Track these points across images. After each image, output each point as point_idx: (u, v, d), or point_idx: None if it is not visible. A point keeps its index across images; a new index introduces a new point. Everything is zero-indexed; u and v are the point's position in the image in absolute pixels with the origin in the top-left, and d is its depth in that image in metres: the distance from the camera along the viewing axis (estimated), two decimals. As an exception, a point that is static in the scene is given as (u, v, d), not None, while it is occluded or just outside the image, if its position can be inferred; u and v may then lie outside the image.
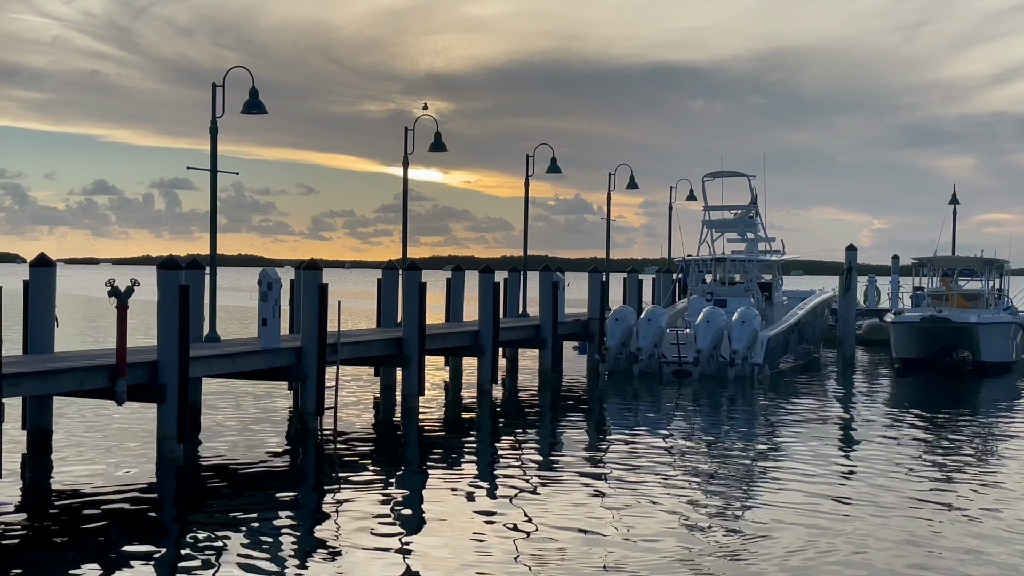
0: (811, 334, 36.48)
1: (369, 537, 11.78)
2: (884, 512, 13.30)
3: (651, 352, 29.72)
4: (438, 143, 28.10)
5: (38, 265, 17.03)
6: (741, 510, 13.41)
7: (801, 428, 20.62)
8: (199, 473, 15.61)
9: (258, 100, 20.56)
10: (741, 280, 35.02)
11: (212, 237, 20.18)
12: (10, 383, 13.50)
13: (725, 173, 37.09)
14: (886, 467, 16.45)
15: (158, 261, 16.39)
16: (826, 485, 14.95)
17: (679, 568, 10.70)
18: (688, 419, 22.28)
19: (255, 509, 13.17)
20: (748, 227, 36.64)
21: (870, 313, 45.70)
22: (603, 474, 15.63)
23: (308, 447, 17.81)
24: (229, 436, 18.45)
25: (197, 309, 18.45)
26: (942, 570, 10.82)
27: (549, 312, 28.24)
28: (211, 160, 19.91)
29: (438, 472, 15.82)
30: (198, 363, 16.67)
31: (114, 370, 15.06)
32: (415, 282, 21.93)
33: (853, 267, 38.01)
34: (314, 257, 19.56)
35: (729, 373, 28.73)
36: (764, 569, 10.71)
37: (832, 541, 11.82)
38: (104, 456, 16.37)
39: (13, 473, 14.74)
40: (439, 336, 24.12)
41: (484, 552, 11.24)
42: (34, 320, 16.88)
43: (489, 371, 24.93)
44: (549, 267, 29.20)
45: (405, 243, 27.01)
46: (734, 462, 16.84)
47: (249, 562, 10.73)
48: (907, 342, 32.80)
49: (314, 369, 18.70)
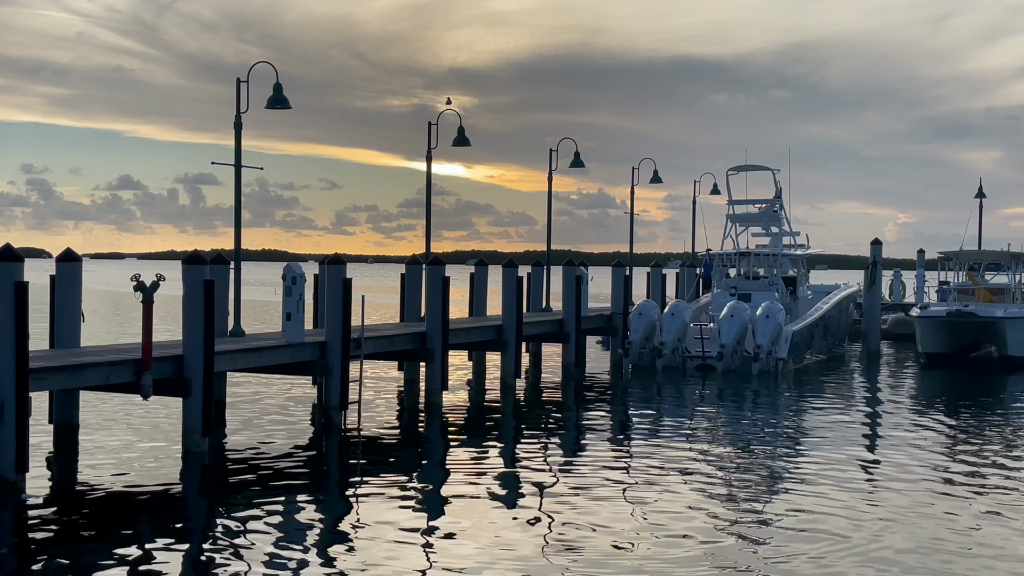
0: (836, 329, 36.30)
1: (393, 531, 11.80)
2: (910, 508, 13.23)
3: (675, 347, 29.65)
4: (461, 138, 28.10)
5: (64, 260, 17.13)
6: (766, 505, 13.35)
7: (825, 423, 20.52)
8: (224, 467, 15.68)
9: (282, 95, 20.60)
10: (765, 274, 34.88)
11: (237, 232, 20.26)
12: (37, 377, 13.59)
13: (749, 167, 36.93)
14: (911, 462, 16.35)
15: (183, 256, 16.46)
16: (851, 480, 14.87)
17: (704, 563, 10.66)
18: (712, 414, 22.21)
19: (279, 503, 13.22)
20: (772, 221, 36.49)
21: (895, 308, 45.44)
22: (627, 468, 15.61)
23: (332, 441, 17.87)
24: (254, 430, 18.53)
25: (222, 304, 18.53)
26: (972, 567, 10.74)
27: (572, 306, 28.21)
28: (236, 155, 19.97)
29: (461, 466, 15.83)
30: (223, 357, 16.74)
31: (140, 364, 15.14)
32: (439, 277, 21.95)
33: (878, 261, 37.79)
34: (337, 252, 19.60)
35: (753, 368, 28.63)
36: (789, 565, 10.67)
37: (857, 536, 11.76)
38: (130, 450, 16.47)
39: (40, 467, 14.86)
40: (462, 331, 24.13)
41: (508, 546, 11.24)
42: (60, 315, 16.99)
43: (512, 365, 24.94)
44: (572, 261, 29.16)
45: (429, 238, 27.04)
46: (758, 457, 16.78)
47: (274, 556, 10.77)
48: (933, 337, 32.59)
49: (338, 363, 18.74)
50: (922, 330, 32.95)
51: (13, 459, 12.89)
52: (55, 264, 17.16)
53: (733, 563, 10.70)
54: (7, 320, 12.94)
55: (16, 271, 13.17)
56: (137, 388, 15.19)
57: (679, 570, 10.43)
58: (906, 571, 10.57)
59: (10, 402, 12.84)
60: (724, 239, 36.53)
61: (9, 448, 12.87)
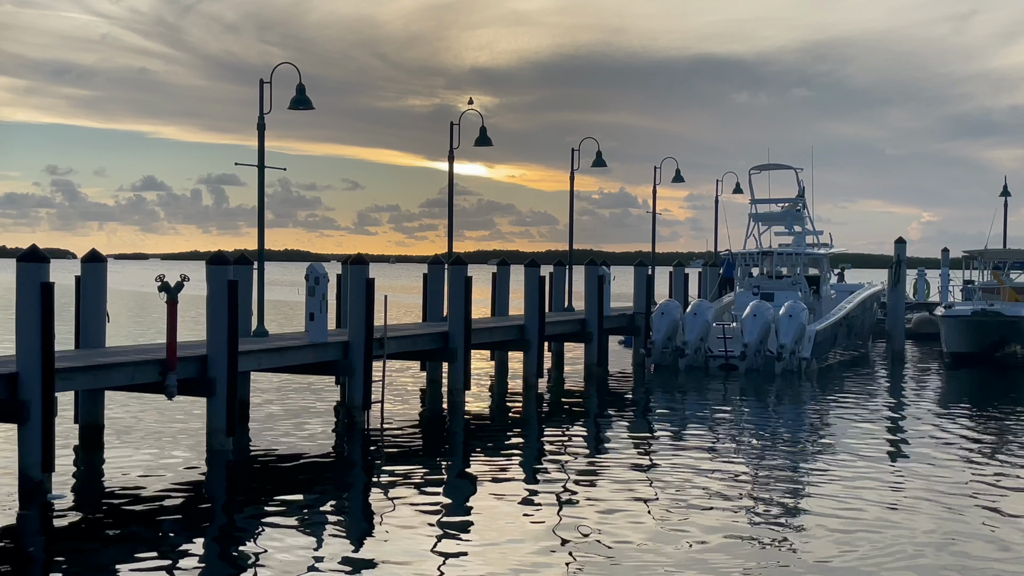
0: (860, 328, 36.12)
1: (416, 531, 11.82)
2: (935, 509, 13.14)
3: (697, 346, 29.57)
4: (483, 137, 28.13)
5: (89, 261, 17.24)
6: (789, 505, 13.31)
7: (849, 423, 20.42)
8: (248, 466, 15.74)
9: (305, 96, 20.68)
10: (788, 274, 34.74)
11: (260, 232, 20.33)
12: (63, 377, 13.68)
13: (772, 166, 36.79)
14: (936, 463, 16.25)
15: (206, 256, 16.52)
16: (875, 481, 14.80)
17: (725, 564, 10.63)
18: (734, 414, 22.14)
19: (303, 502, 13.26)
20: (795, 220, 36.33)
21: (920, 307, 45.18)
22: (650, 469, 15.57)
23: (355, 440, 17.91)
24: (277, 430, 18.59)
25: (245, 304, 18.60)
26: (998, 571, 10.67)
27: (595, 306, 28.17)
28: (259, 156, 20.05)
29: (484, 465, 15.84)
30: (247, 357, 16.80)
31: (164, 364, 15.21)
32: (461, 276, 21.96)
33: (902, 260, 37.56)
34: (360, 252, 19.64)
35: (776, 367, 28.52)
36: (812, 566, 10.62)
37: (881, 536, 11.70)
38: (154, 449, 16.55)
39: (66, 466, 14.95)
40: (485, 330, 24.14)
41: (531, 547, 11.23)
42: (86, 315, 17.10)
43: (535, 365, 24.94)
44: (595, 261, 29.12)
45: (451, 237, 27.07)
46: (781, 457, 16.71)
47: (297, 554, 10.80)
48: (958, 336, 32.38)
49: (361, 363, 18.79)
50: (947, 329, 32.74)
51: (39, 459, 12.98)
52: (80, 265, 17.26)
53: (756, 563, 10.66)
54: (33, 321, 13.03)
55: (42, 272, 13.26)
56: (162, 388, 15.27)
57: (705, 571, 10.40)
58: (932, 573, 10.51)
59: (36, 402, 12.92)
60: (747, 238, 36.45)
61: (35, 448, 12.96)
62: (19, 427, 13.02)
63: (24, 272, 13.21)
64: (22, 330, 13.11)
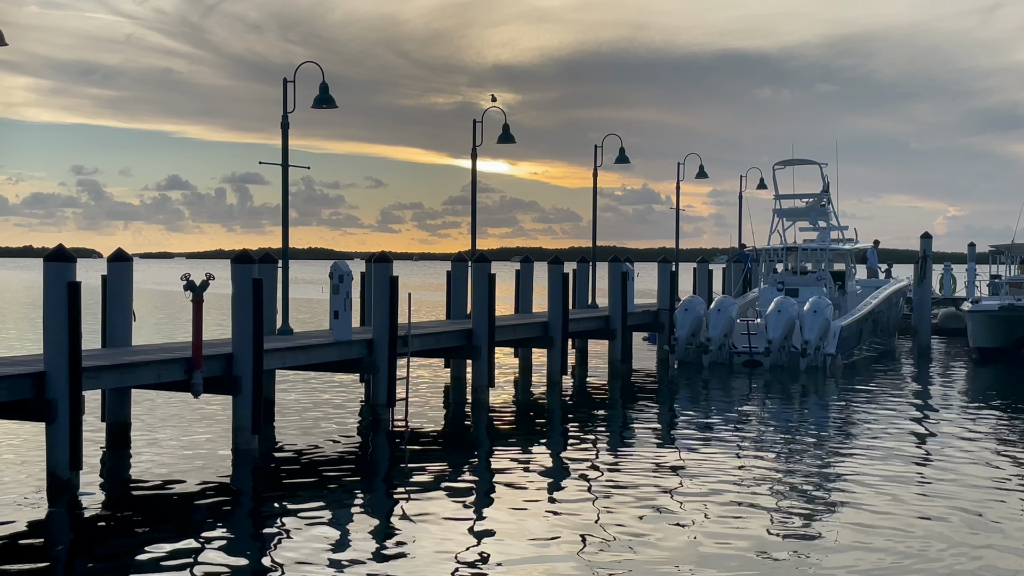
0: (886, 324, 35.92)
1: (440, 527, 11.84)
2: (963, 508, 13.06)
3: (721, 342, 29.49)
4: (506, 135, 28.15)
5: (115, 260, 17.35)
6: (815, 503, 13.25)
7: (875, 419, 20.31)
8: (273, 464, 15.81)
9: (328, 95, 20.73)
10: (813, 269, 34.59)
11: (284, 231, 20.40)
12: (90, 376, 13.77)
13: (796, 161, 36.64)
14: (964, 459, 16.15)
15: (230, 255, 16.59)
16: (902, 478, 14.72)
17: (751, 561, 10.60)
18: (759, 410, 22.06)
19: (328, 499, 13.31)
20: (820, 215, 36.15)
21: (946, 302, 44.88)
22: (674, 466, 15.54)
23: (379, 438, 17.95)
24: (302, 428, 18.66)
25: (270, 302, 18.68)
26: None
27: (618, 303, 28.13)
28: (283, 154, 20.12)
29: (509, 464, 15.85)
30: (272, 355, 16.87)
31: (190, 363, 15.29)
32: (485, 274, 21.98)
33: (928, 255, 37.35)
34: (383, 250, 19.68)
35: (801, 363, 28.40)
36: (838, 565, 10.57)
37: (909, 533, 11.64)
38: (181, 447, 16.65)
39: (93, 464, 15.07)
40: (509, 327, 24.15)
41: (556, 544, 11.23)
42: (112, 314, 17.20)
43: (559, 362, 24.92)
44: (618, 258, 29.08)
45: (474, 235, 27.09)
46: (806, 454, 16.65)
47: (323, 551, 10.84)
48: (985, 331, 32.15)
49: (385, 361, 18.83)
50: (973, 324, 32.52)
51: (67, 457, 13.07)
52: (106, 264, 17.37)
53: (781, 561, 10.62)
54: (60, 320, 13.12)
55: (69, 271, 13.35)
56: (188, 386, 15.35)
57: (733, 567, 10.38)
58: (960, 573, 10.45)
59: (64, 401, 13.01)
60: (771, 234, 36.31)
61: (63, 446, 13.05)
62: (47, 426, 13.11)
63: (51, 271, 13.31)
64: (49, 329, 13.20)
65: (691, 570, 10.27)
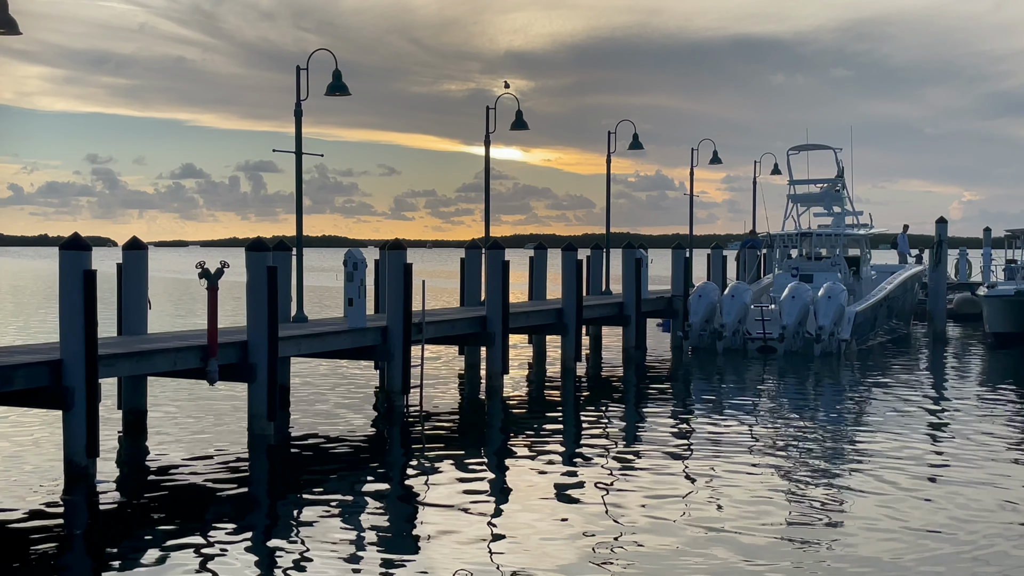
0: (901, 309, 35.81)
1: (455, 515, 11.87)
2: (979, 495, 13.03)
3: (735, 328, 29.45)
4: (520, 121, 28.11)
5: (131, 248, 17.42)
6: (829, 490, 13.23)
7: (890, 405, 20.27)
8: (289, 450, 15.88)
9: (341, 82, 20.72)
10: (827, 255, 34.49)
11: (298, 218, 20.42)
12: (106, 364, 13.84)
13: (811, 146, 36.51)
14: (979, 445, 16.10)
15: (244, 243, 16.63)
16: (918, 464, 14.69)
17: (769, 546, 10.61)
18: (773, 396, 22.04)
19: (343, 486, 13.36)
20: (834, 200, 36.04)
21: (961, 287, 44.70)
22: (690, 453, 15.55)
23: (394, 425, 18.00)
24: (317, 414, 18.73)
25: (285, 290, 18.72)
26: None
27: (632, 289, 28.11)
28: (296, 142, 20.13)
29: (523, 449, 15.88)
30: (287, 343, 16.92)
31: (206, 350, 15.35)
32: (498, 261, 21.98)
33: (944, 240, 37.17)
34: (397, 237, 19.70)
35: (815, 349, 28.35)
36: (853, 554, 10.57)
37: (925, 521, 11.62)
38: (197, 434, 16.73)
39: (110, 452, 15.16)
40: (522, 314, 24.16)
41: (571, 530, 11.26)
42: (127, 302, 17.28)
43: (573, 349, 24.94)
44: (632, 244, 29.05)
45: (488, 222, 27.07)
46: (821, 440, 16.63)
47: (338, 537, 10.89)
48: (1000, 316, 32.02)
49: (399, 348, 18.87)
50: (989, 309, 32.40)
51: (84, 444, 13.15)
52: (122, 252, 17.44)
53: (795, 548, 10.62)
54: (76, 308, 13.18)
55: (84, 260, 13.41)
56: (203, 374, 15.41)
57: (747, 553, 10.39)
58: (981, 560, 10.44)
59: (80, 388, 13.09)
60: (785, 219, 36.20)
61: (80, 434, 13.13)
62: (64, 413, 13.20)
63: (67, 260, 13.37)
64: (65, 317, 13.27)
65: (706, 555, 10.28)
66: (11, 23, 13.95)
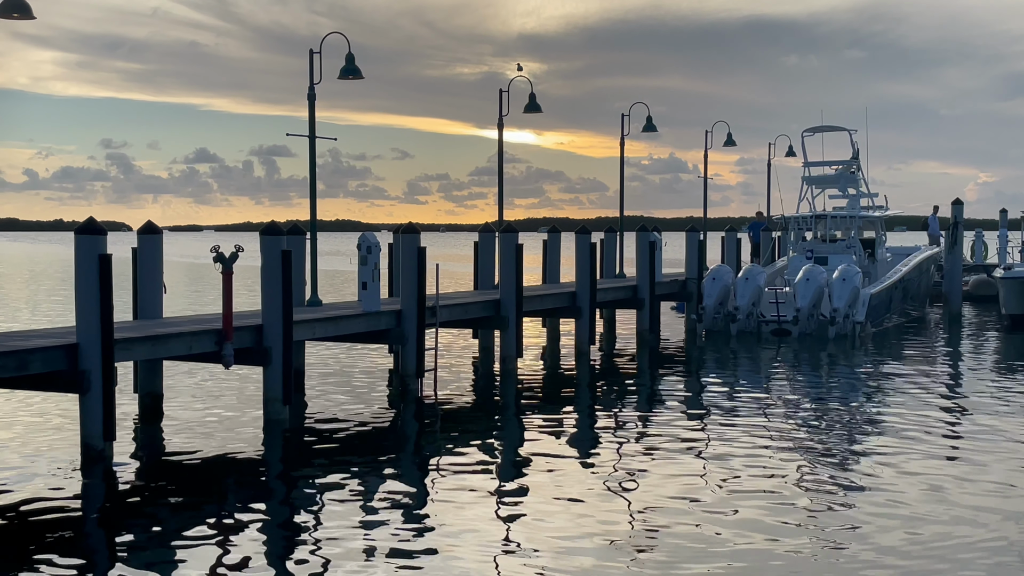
0: (916, 291, 35.69)
1: (469, 497, 11.91)
2: (997, 476, 13.00)
3: (749, 311, 29.39)
4: (533, 104, 28.03)
5: (146, 233, 17.47)
6: (845, 475, 13.22)
7: (905, 387, 20.21)
8: (304, 434, 15.93)
9: (354, 65, 20.70)
10: (842, 237, 34.37)
11: (312, 202, 20.44)
12: (122, 348, 13.91)
13: (825, 128, 36.34)
14: (996, 428, 16.05)
15: (259, 227, 16.67)
16: (934, 447, 14.66)
17: (785, 531, 10.61)
18: (788, 379, 22.01)
19: (358, 469, 13.40)
20: (849, 182, 35.91)
21: (977, 269, 44.53)
22: (703, 436, 15.55)
23: (408, 408, 18.05)
24: (332, 398, 18.79)
25: (299, 274, 18.76)
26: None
27: (646, 272, 28.07)
28: (310, 126, 20.13)
29: (537, 434, 15.90)
30: (301, 327, 16.96)
31: (221, 334, 15.41)
32: (512, 244, 21.97)
33: (959, 222, 37.01)
34: (411, 221, 19.70)
35: (830, 332, 28.27)
36: (873, 537, 10.56)
37: (942, 507, 11.60)
38: (212, 418, 16.80)
39: (126, 435, 15.25)
40: (536, 298, 24.16)
41: (585, 516, 11.27)
42: (143, 286, 17.35)
43: (587, 332, 24.94)
44: (646, 227, 29.00)
45: (501, 205, 27.04)
46: (836, 423, 16.60)
47: (354, 520, 10.93)
48: (1017, 298, 31.90)
49: (414, 332, 18.90)
50: (1005, 291, 32.27)
51: (100, 428, 13.24)
52: (137, 237, 17.50)
53: (811, 536, 10.62)
54: (92, 292, 13.24)
55: (100, 244, 13.46)
56: (219, 358, 15.47)
57: (764, 541, 10.39)
58: (998, 551, 10.42)
59: (96, 372, 13.16)
60: (800, 201, 36.08)
61: (96, 417, 13.22)
62: (80, 397, 13.28)
63: (82, 244, 13.43)
64: (81, 302, 13.33)
65: (722, 540, 10.29)
66: (25, 7, 13.97)
